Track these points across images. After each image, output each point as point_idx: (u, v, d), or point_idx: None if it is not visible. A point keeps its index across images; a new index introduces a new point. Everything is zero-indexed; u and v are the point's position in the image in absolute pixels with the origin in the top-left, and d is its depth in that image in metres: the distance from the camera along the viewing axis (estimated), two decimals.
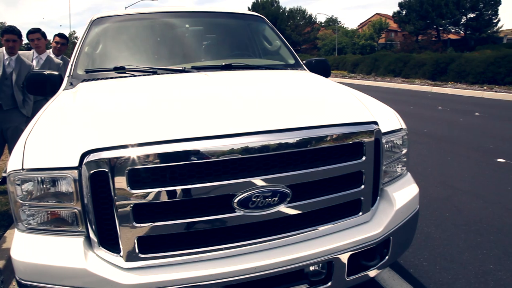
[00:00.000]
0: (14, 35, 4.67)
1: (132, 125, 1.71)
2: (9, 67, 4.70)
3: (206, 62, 3.12)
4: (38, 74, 2.94)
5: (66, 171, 1.57)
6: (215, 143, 1.59)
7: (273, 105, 2.00)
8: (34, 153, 1.65)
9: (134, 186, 1.53)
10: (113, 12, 3.64)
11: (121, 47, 3.28)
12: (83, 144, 1.59)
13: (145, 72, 2.74)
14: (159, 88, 2.39)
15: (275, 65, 3.35)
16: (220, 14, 3.82)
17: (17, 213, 1.69)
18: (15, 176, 1.63)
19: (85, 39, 3.28)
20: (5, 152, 5.24)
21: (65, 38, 5.86)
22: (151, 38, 3.41)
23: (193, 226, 1.62)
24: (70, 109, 2.05)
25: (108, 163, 1.52)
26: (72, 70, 2.95)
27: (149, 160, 1.53)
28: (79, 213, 1.62)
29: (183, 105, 1.96)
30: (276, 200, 1.68)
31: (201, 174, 1.59)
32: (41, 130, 1.82)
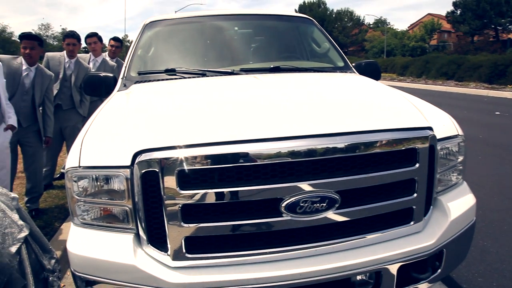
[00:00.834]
0: (74, 39, 4.97)
1: (183, 127, 1.74)
2: (69, 70, 4.99)
3: (254, 64, 3.13)
4: (94, 76, 3.09)
5: (119, 170, 1.62)
6: (264, 146, 1.57)
7: (323, 108, 1.95)
8: (90, 151, 1.72)
9: (183, 187, 1.55)
10: (165, 16, 3.74)
11: (172, 50, 3.36)
12: (135, 144, 1.63)
13: (195, 74, 2.79)
14: (209, 90, 2.42)
15: (324, 68, 3.30)
16: (269, 16, 3.81)
17: (73, 208, 1.77)
18: (72, 173, 1.70)
19: (138, 42, 3.40)
20: (63, 149, 5.54)
21: (119, 41, 6.13)
22: (201, 40, 3.48)
23: (240, 228, 1.62)
24: (123, 110, 2.11)
25: (158, 163, 1.55)
26: (126, 72, 3.06)
27: (198, 161, 1.54)
28: (130, 210, 1.66)
29: (232, 107, 1.97)
30: (325, 205, 1.63)
31: (249, 177, 1.58)
32: (97, 129, 1.90)
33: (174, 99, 2.26)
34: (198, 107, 2.02)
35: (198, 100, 2.14)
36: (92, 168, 1.66)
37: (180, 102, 2.16)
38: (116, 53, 6.05)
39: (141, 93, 2.48)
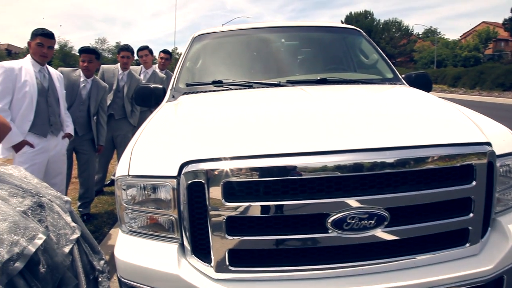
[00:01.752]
0: (128, 52, 5.24)
1: (229, 138, 1.74)
2: (122, 81, 5.23)
3: (301, 76, 3.10)
4: (145, 88, 3.19)
5: (166, 180, 1.64)
6: (311, 159, 1.54)
7: (372, 121, 1.88)
8: (139, 161, 1.76)
9: (228, 199, 1.54)
10: (213, 29, 3.82)
11: (219, 62, 3.41)
12: (183, 155, 1.65)
13: (241, 86, 2.81)
14: (255, 102, 2.42)
15: (372, 79, 3.20)
16: (316, 28, 3.79)
17: (121, 215, 1.82)
18: (121, 181, 1.75)
19: (186, 55, 3.49)
20: (114, 157, 5.78)
21: (168, 54, 6.34)
22: (247, 52, 3.51)
23: (284, 243, 1.59)
24: (171, 121, 2.16)
25: (205, 174, 1.55)
26: (174, 83, 3.14)
27: (244, 173, 1.53)
28: (175, 220, 1.68)
29: (279, 119, 1.95)
30: (373, 223, 1.56)
31: (295, 191, 1.55)
32: (146, 139, 1.94)
33: (221, 110, 2.28)
34: (245, 119, 2.02)
35: (245, 112, 2.15)
36: (141, 177, 1.70)
37: (227, 113, 2.17)
38: (166, 65, 6.26)
39: (189, 104, 2.52)
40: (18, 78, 3.38)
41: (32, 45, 3.57)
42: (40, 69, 3.60)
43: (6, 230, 2.13)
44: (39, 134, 3.52)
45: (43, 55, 3.56)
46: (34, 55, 3.57)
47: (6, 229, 2.13)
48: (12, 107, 3.38)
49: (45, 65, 3.68)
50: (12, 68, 3.38)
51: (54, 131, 3.67)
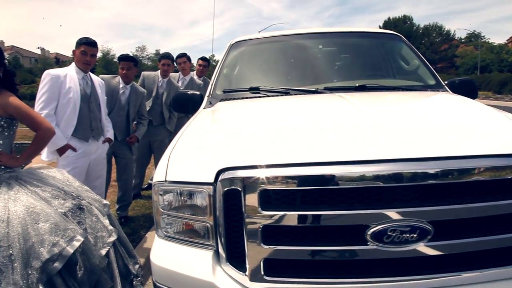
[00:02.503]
0: (169, 60, 5.39)
1: (266, 146, 1.72)
2: (161, 88, 5.36)
3: (339, 83, 3.04)
4: (183, 94, 3.24)
5: (202, 186, 1.64)
6: (350, 169, 1.49)
7: (415, 130, 1.80)
8: (176, 167, 1.77)
9: (265, 207, 1.52)
10: (250, 36, 3.83)
11: (256, 69, 3.41)
12: (219, 162, 1.64)
13: (278, 93, 2.79)
14: (293, 109, 2.39)
15: (413, 86, 3.09)
16: (355, 34, 3.72)
17: (158, 220, 1.83)
18: (159, 187, 1.77)
19: (224, 62, 3.52)
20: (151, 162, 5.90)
21: (206, 61, 6.43)
22: (285, 59, 3.49)
23: (321, 254, 1.54)
24: (208, 127, 2.17)
25: (241, 182, 1.54)
26: (212, 90, 3.17)
27: (281, 182, 1.50)
28: (211, 227, 1.67)
29: (317, 127, 1.91)
30: (415, 236, 1.49)
31: (334, 201, 1.50)
32: (183, 146, 1.96)
33: (258, 117, 2.26)
34: (282, 126, 1.99)
35: (282, 119, 2.12)
36: (177, 183, 1.71)
37: (265, 120, 2.15)
38: (204, 72, 6.35)
39: (226, 111, 2.53)
40: (63, 84, 3.53)
41: (76, 53, 3.73)
42: (83, 76, 3.74)
43: (47, 231, 2.21)
44: (81, 139, 3.65)
45: (86, 62, 3.71)
46: (78, 62, 3.71)
47: (47, 229, 2.21)
48: (57, 112, 3.52)
49: (88, 72, 3.82)
50: (58, 76, 3.53)
51: (95, 135, 3.80)
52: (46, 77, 3.51)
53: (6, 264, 2.03)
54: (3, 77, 2.53)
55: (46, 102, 3.45)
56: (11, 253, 2.05)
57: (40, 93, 3.48)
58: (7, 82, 2.57)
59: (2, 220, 2.12)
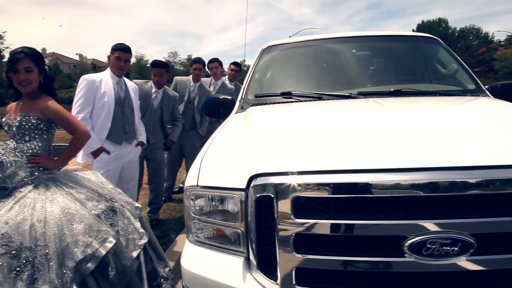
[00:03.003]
0: (200, 65, 5.43)
1: (300, 152, 1.67)
2: (193, 93, 5.41)
3: (373, 87, 2.96)
4: (215, 99, 3.24)
5: (234, 192, 1.62)
6: (386, 177, 1.43)
7: (456, 137, 1.71)
8: (208, 172, 1.76)
9: (297, 215, 1.48)
10: (281, 41, 3.80)
11: (288, 73, 3.38)
12: (251, 167, 1.61)
13: (311, 98, 2.74)
14: (326, 114, 2.34)
15: (451, 91, 2.97)
16: (389, 37, 3.61)
17: (189, 225, 1.82)
18: (190, 191, 1.76)
19: (255, 66, 3.50)
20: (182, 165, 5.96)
21: (238, 66, 6.46)
22: (317, 64, 3.44)
23: (355, 265, 1.48)
24: (240, 132, 2.15)
25: (274, 189, 1.50)
26: (243, 94, 3.16)
27: (315, 189, 1.46)
28: (242, 233, 1.64)
29: (352, 133, 1.85)
30: (456, 250, 1.40)
31: (370, 210, 1.44)
32: (215, 151, 1.94)
33: (291, 122, 2.22)
34: (316, 132, 1.94)
35: (315, 125, 2.07)
36: (209, 188, 1.70)
37: (297, 126, 2.11)
38: (235, 77, 6.37)
39: (258, 116, 2.51)
40: (98, 89, 3.62)
41: (111, 59, 3.82)
42: (118, 81, 3.83)
43: (81, 232, 2.26)
44: (114, 142, 3.73)
45: (120, 68, 3.80)
46: (113, 68, 3.80)
47: (81, 230, 2.26)
48: (92, 116, 3.61)
49: (122, 77, 3.90)
50: (94, 80, 3.63)
51: (128, 139, 3.87)
52: (82, 82, 3.61)
53: (42, 263, 2.09)
54: (43, 82, 2.63)
55: (82, 106, 3.55)
56: (47, 252, 2.10)
57: (76, 97, 3.58)
58: (47, 87, 2.67)
59: (40, 220, 2.18)
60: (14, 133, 2.53)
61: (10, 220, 2.13)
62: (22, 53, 2.48)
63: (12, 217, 2.15)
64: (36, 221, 2.17)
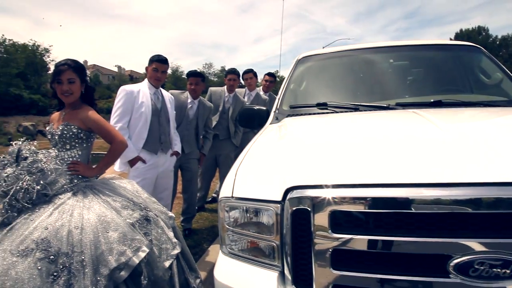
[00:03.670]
0: (235, 75, 5.47)
1: (338, 164, 1.63)
2: (228, 103, 5.45)
3: (411, 98, 2.87)
4: (249, 109, 3.24)
5: (269, 204, 1.59)
6: (430, 192, 1.35)
7: (504, 151, 1.60)
8: (243, 183, 1.74)
9: (335, 229, 1.43)
10: (317, 51, 3.77)
11: (323, 84, 3.34)
12: (288, 179, 1.58)
13: (347, 109, 2.68)
14: (363, 126, 2.27)
15: (496, 101, 2.82)
16: (429, 46, 3.50)
17: (223, 237, 1.80)
18: (225, 203, 1.74)
19: (291, 77, 3.48)
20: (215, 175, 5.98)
21: (273, 76, 6.47)
22: (353, 74, 3.38)
23: (395, 284, 1.40)
24: (276, 143, 2.12)
25: (311, 202, 1.46)
26: (278, 105, 3.14)
27: (354, 203, 1.40)
28: (276, 247, 1.61)
29: (391, 145, 1.78)
30: (508, 272, 1.31)
31: (412, 227, 1.37)
32: (250, 162, 1.93)
33: (327, 134, 2.18)
34: (353, 143, 1.88)
35: (353, 136, 2.02)
36: (244, 200, 1.67)
37: (334, 137, 2.06)
38: (270, 87, 6.38)
39: (293, 127, 2.47)
40: (136, 99, 3.70)
41: (148, 70, 3.91)
42: (155, 92, 3.91)
43: (116, 240, 2.28)
44: (150, 151, 3.79)
45: (157, 78, 3.88)
46: (150, 79, 3.89)
47: (116, 238, 2.29)
48: (130, 126, 3.70)
49: (159, 88, 3.98)
50: (132, 91, 3.72)
51: (164, 148, 3.93)
52: (121, 93, 3.71)
53: (78, 269, 2.12)
54: (85, 93, 2.72)
55: (120, 116, 3.64)
56: (83, 259, 2.14)
57: (115, 107, 3.68)
58: (88, 97, 2.76)
59: (77, 227, 2.23)
60: (56, 142, 2.62)
61: (50, 225, 2.19)
62: (66, 65, 2.58)
63: (51, 222, 2.20)
64: (73, 228, 2.21)
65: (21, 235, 2.14)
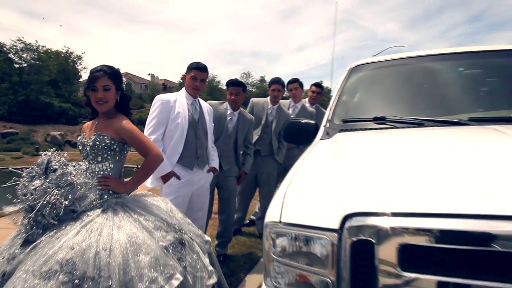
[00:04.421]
0: (279, 86, 5.43)
1: (408, 189, 1.51)
2: (271, 116, 5.42)
3: (487, 112, 2.70)
4: (296, 123, 3.18)
5: (324, 232, 1.49)
6: None
7: None
8: (293, 206, 1.66)
9: (406, 267, 1.31)
10: (373, 59, 3.67)
11: (381, 95, 3.23)
12: (346, 205, 1.49)
13: (409, 124, 2.56)
14: (431, 144, 2.14)
15: None
16: (507, 52, 3.29)
17: (267, 267, 1.72)
18: (271, 228, 1.66)
19: (343, 87, 3.39)
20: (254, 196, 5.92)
21: (320, 87, 6.39)
22: (415, 84, 3.24)
23: None
24: (330, 162, 2.04)
25: (375, 232, 1.36)
26: (329, 119, 3.05)
27: (429, 236, 1.29)
28: (331, 283, 1.50)
29: (474, 168, 1.63)
30: None
31: (504, 269, 1.24)
32: (301, 182, 1.84)
33: (389, 152, 2.06)
34: (425, 164, 1.75)
35: (421, 156, 1.89)
36: (294, 226, 1.59)
37: (398, 156, 1.95)
38: (317, 99, 6.30)
39: (349, 143, 2.39)
40: (172, 109, 3.74)
41: (186, 78, 3.96)
42: (192, 102, 3.93)
43: (147, 265, 2.25)
44: (186, 166, 3.80)
45: (195, 88, 3.91)
46: (188, 87, 3.93)
47: (147, 263, 2.25)
48: (165, 138, 3.73)
49: (197, 97, 4.01)
50: (168, 101, 3.77)
51: (200, 164, 3.92)
52: (157, 102, 3.76)
53: None
54: (120, 101, 2.75)
55: (155, 127, 3.68)
56: (110, 285, 2.11)
57: (150, 118, 3.73)
58: (123, 106, 2.79)
59: (105, 248, 2.21)
60: (87, 153, 2.65)
61: (76, 245, 2.18)
62: (101, 71, 2.62)
63: (78, 242, 2.19)
64: (101, 249, 2.20)
65: (45, 254, 2.14)
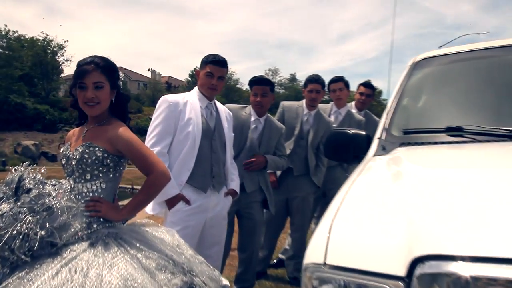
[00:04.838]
0: (318, 85, 5.32)
1: (499, 226, 1.48)
2: (307, 124, 5.35)
3: None
4: (341, 134, 3.16)
5: (385, 281, 1.47)
6: None
7: None
8: (342, 245, 1.65)
9: None
10: (444, 51, 3.63)
11: (455, 98, 3.20)
12: (415, 245, 1.47)
13: (496, 136, 2.50)
14: None
15: None
16: None
17: None
18: (313, 272, 1.65)
19: (403, 88, 3.35)
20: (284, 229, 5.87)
21: (371, 88, 6.30)
22: (501, 83, 3.18)
23: None
24: (388, 187, 2.03)
25: (455, 281, 1.34)
26: (385, 129, 3.01)
27: None
28: None
29: None
30: None
31: None
32: (351, 212, 1.84)
33: (471, 176, 2.04)
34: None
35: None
36: (344, 271, 1.57)
37: (484, 182, 1.92)
38: (366, 103, 6.24)
39: (413, 162, 2.37)
40: (181, 114, 3.74)
41: (200, 75, 3.95)
42: (207, 105, 3.94)
43: None
44: (197, 188, 3.78)
45: (211, 87, 3.89)
46: (202, 87, 3.92)
47: None
48: (171, 150, 3.73)
49: (213, 100, 4.01)
50: (177, 103, 3.77)
51: (216, 185, 3.90)
52: (162, 104, 3.77)
53: None
54: (115, 103, 2.74)
55: (159, 136, 3.68)
56: None
57: (153, 125, 3.74)
58: (120, 108, 2.78)
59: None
60: (72, 169, 2.62)
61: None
62: (92, 63, 2.59)
63: (57, 286, 2.14)
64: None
65: None
